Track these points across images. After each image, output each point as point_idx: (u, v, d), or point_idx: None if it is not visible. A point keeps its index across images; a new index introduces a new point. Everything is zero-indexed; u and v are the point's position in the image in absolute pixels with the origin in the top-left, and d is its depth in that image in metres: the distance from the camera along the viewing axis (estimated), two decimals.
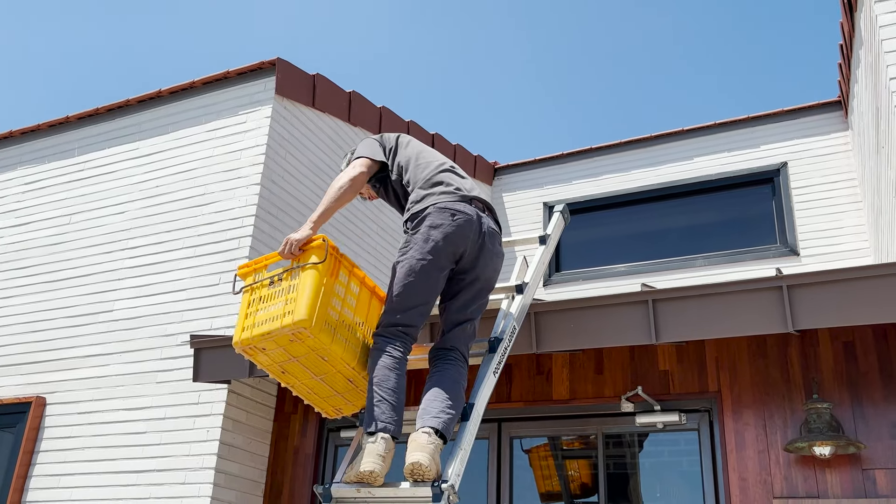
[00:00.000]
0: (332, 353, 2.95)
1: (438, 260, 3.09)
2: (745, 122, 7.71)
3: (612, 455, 4.56)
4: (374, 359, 3.01)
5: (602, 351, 4.48)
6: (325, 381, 3.11)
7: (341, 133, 6.47)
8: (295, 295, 2.91)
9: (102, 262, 5.81)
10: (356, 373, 3.08)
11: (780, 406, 4.00)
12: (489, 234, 3.23)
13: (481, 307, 3.29)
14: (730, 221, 7.49)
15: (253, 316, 3.03)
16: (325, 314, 2.90)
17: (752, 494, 3.88)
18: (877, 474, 3.71)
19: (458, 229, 3.12)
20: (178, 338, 5.20)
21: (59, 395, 5.44)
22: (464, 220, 3.14)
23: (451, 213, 3.13)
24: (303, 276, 2.94)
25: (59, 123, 6.63)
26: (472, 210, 3.20)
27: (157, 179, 5.94)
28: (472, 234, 3.16)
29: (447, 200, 3.18)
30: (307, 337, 2.86)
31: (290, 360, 3.01)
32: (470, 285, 3.21)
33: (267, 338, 2.93)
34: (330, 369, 3.04)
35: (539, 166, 8.61)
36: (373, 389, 2.93)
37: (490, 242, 3.23)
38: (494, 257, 3.26)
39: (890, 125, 4.41)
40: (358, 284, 3.15)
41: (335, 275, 3.00)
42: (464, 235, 3.13)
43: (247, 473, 4.93)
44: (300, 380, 3.12)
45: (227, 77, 6.01)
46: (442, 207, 3.14)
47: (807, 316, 3.56)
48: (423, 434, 2.77)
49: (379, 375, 2.94)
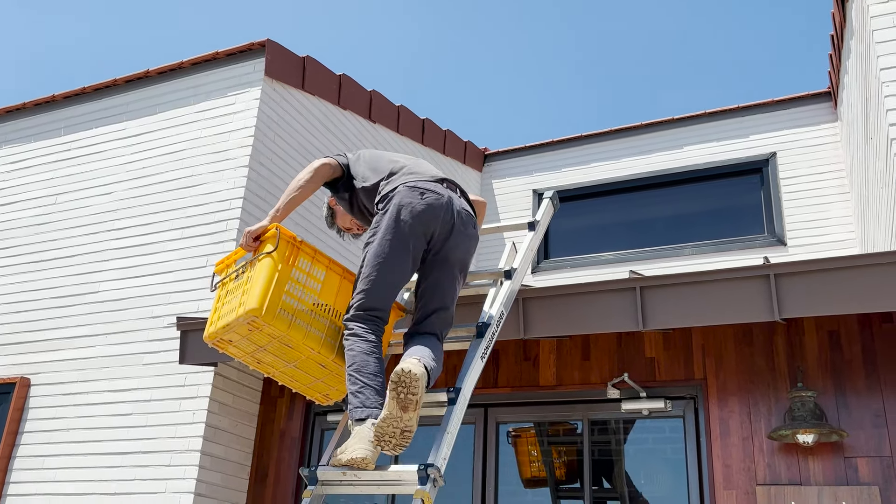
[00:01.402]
0: (293, 340, 2.97)
1: (408, 240, 3.03)
2: (735, 111, 7.72)
3: (598, 441, 4.58)
4: (349, 345, 2.96)
5: (589, 337, 4.49)
6: (299, 368, 3.12)
7: (331, 116, 6.43)
8: (249, 286, 2.96)
9: (88, 242, 5.76)
10: (323, 357, 3.07)
11: (765, 394, 4.03)
12: (461, 214, 3.17)
13: (455, 291, 3.21)
14: (718, 211, 7.52)
15: (219, 310, 3.10)
16: (278, 301, 2.92)
17: (736, 481, 3.91)
18: (858, 462, 3.74)
19: (428, 208, 3.06)
20: (165, 320, 5.18)
21: (44, 376, 5.41)
22: (434, 198, 3.09)
23: (420, 192, 3.08)
24: (258, 266, 3.00)
25: (45, 102, 6.56)
26: (444, 190, 3.15)
27: (145, 160, 5.89)
28: (443, 213, 3.10)
29: (416, 180, 3.14)
30: (262, 325, 2.90)
31: (258, 350, 3.05)
32: (441, 265, 3.14)
33: (228, 329, 2.99)
34: (298, 356, 3.05)
35: (529, 153, 8.60)
36: (353, 376, 2.89)
37: (461, 224, 3.16)
38: (467, 239, 3.19)
39: (879, 116, 4.43)
40: (323, 269, 3.13)
41: (292, 262, 3.01)
42: (434, 214, 3.08)
43: (232, 456, 4.93)
44: (277, 368, 3.15)
45: (216, 58, 5.96)
46: (412, 186, 3.10)
47: (793, 305, 3.58)
48: (420, 364, 2.78)
49: (358, 361, 2.91)
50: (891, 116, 4.08)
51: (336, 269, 3.19)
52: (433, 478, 2.74)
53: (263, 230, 3.05)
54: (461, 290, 3.31)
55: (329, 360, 3.07)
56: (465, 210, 3.20)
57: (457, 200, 3.19)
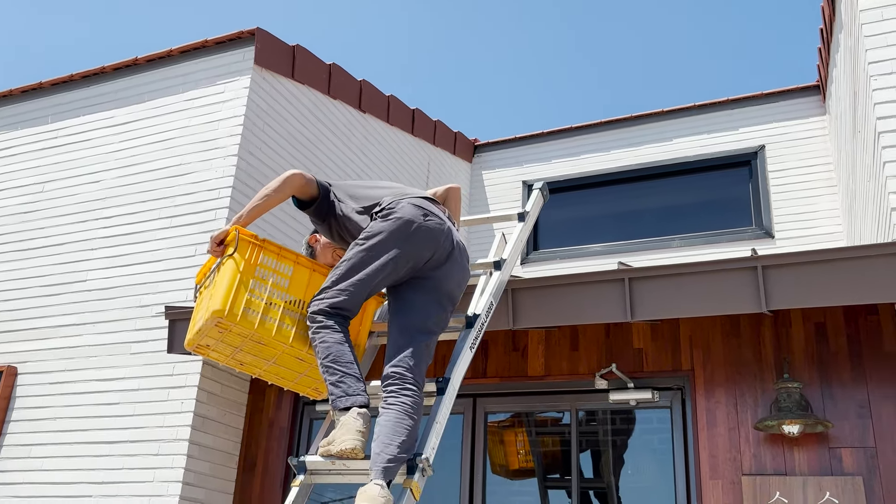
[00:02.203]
0: (263, 337, 3.01)
1: (403, 253, 2.96)
2: (725, 104, 7.75)
3: (586, 431, 4.61)
4: (321, 337, 2.91)
5: (577, 328, 4.51)
6: (279, 364, 3.16)
7: (321, 105, 6.41)
8: (214, 289, 3.02)
9: (76, 231, 5.73)
10: (297, 350, 3.10)
11: (752, 385, 4.06)
12: (459, 247, 3.13)
13: (442, 322, 3.07)
14: (707, 203, 7.55)
15: (195, 316, 3.16)
16: (241, 300, 2.96)
17: (722, 471, 3.94)
18: (843, 452, 3.78)
19: (430, 231, 3.01)
20: (153, 309, 5.16)
21: (31, 365, 5.38)
22: (436, 222, 3.05)
23: (423, 213, 3.02)
24: (222, 269, 3.05)
25: (32, 90, 6.50)
26: (445, 219, 3.11)
27: (133, 149, 5.86)
28: (443, 240, 3.05)
29: (420, 200, 3.08)
30: (229, 325, 2.94)
31: (237, 352, 3.11)
32: (430, 292, 3.03)
33: (202, 334, 3.04)
34: (274, 352, 3.10)
35: (519, 144, 8.61)
36: (331, 367, 2.86)
37: (459, 255, 3.11)
38: (461, 271, 3.13)
39: (867, 109, 4.45)
40: (290, 264, 3.15)
41: (255, 261, 3.05)
42: (434, 238, 3.02)
43: (221, 445, 4.93)
44: (259, 367, 3.21)
45: (205, 46, 5.92)
46: (416, 205, 3.04)
47: (780, 296, 3.61)
48: (376, 486, 2.56)
49: (333, 351, 2.87)
50: (878, 110, 4.11)
51: (304, 263, 3.21)
52: (422, 467, 2.75)
53: (225, 234, 3.07)
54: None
55: (304, 353, 3.11)
56: (461, 243, 3.17)
57: (455, 234, 3.15)
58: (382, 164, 7.12)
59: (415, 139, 7.74)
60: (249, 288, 2.99)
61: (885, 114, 4.08)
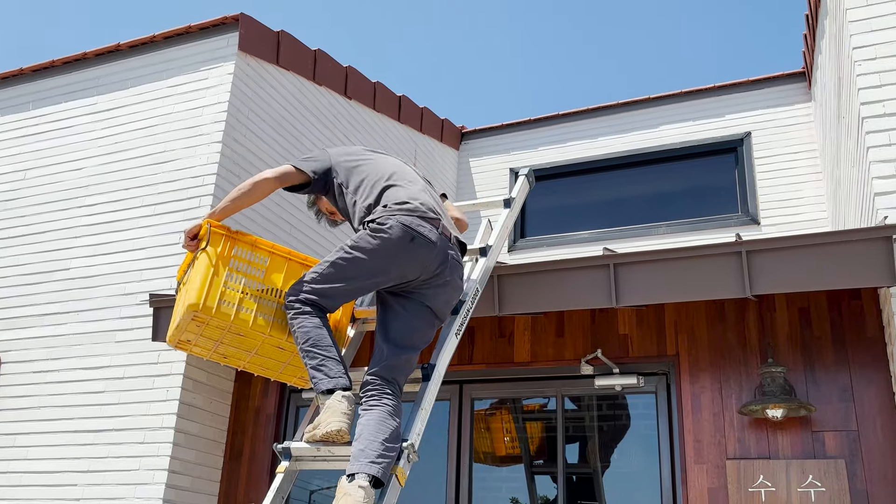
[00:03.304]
0: (241, 328, 3.02)
1: (389, 271, 2.92)
2: (711, 91, 7.75)
3: (571, 417, 4.63)
4: (299, 322, 2.91)
5: (563, 314, 4.52)
6: (261, 355, 3.17)
7: (306, 92, 6.36)
8: (189, 284, 3.04)
9: (58, 219, 5.67)
10: (276, 339, 3.11)
11: (736, 370, 4.09)
12: (452, 264, 3.03)
13: (427, 337, 3.07)
14: (693, 190, 7.57)
15: (175, 313, 3.17)
16: (215, 292, 2.98)
17: (707, 455, 3.97)
18: (826, 436, 3.81)
19: (418, 252, 2.92)
20: (137, 297, 5.13)
21: (15, 354, 5.34)
22: (426, 241, 2.94)
23: (412, 236, 2.91)
24: (196, 263, 3.07)
25: (12, 76, 6.42)
26: (437, 236, 2.98)
27: (116, 136, 5.80)
28: (433, 259, 2.96)
29: (412, 220, 2.94)
30: (206, 318, 2.96)
31: (218, 345, 3.11)
32: (418, 308, 3.02)
33: (181, 329, 3.06)
34: (254, 343, 3.11)
35: (506, 132, 8.59)
36: (311, 351, 2.85)
37: (451, 273, 3.02)
38: (452, 290, 3.07)
39: (850, 95, 4.46)
40: (266, 255, 3.16)
41: (228, 253, 3.06)
42: (423, 259, 2.94)
43: (207, 433, 4.91)
44: (242, 360, 3.22)
45: (188, 32, 5.86)
46: (407, 225, 2.91)
47: (764, 281, 3.62)
48: (360, 489, 2.49)
49: (312, 336, 2.87)
50: (862, 95, 4.11)
51: (280, 252, 3.21)
52: (407, 453, 2.76)
53: (197, 228, 3.08)
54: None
55: (283, 341, 3.11)
56: (454, 260, 3.06)
57: (451, 251, 3.05)
58: None
59: (402, 126, 7.71)
60: (223, 280, 3.01)
61: (869, 99, 4.09)
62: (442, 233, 3.03)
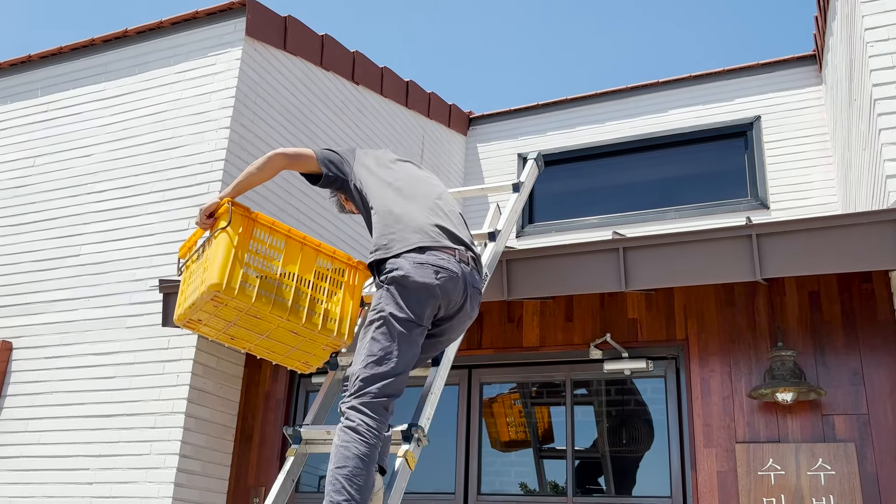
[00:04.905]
0: (260, 311, 2.97)
1: (420, 319, 2.72)
2: (720, 74, 7.69)
3: (580, 401, 4.63)
4: (345, 440, 2.54)
5: (572, 299, 4.51)
6: (272, 338, 3.13)
7: (313, 77, 6.35)
8: (208, 263, 2.96)
9: (68, 205, 5.69)
10: (293, 324, 3.08)
11: (746, 354, 4.08)
12: (472, 295, 2.86)
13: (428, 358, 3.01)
14: (702, 174, 7.53)
15: (185, 291, 3.11)
16: (237, 274, 2.91)
17: (716, 439, 3.97)
18: (836, 420, 3.81)
19: (441, 290, 2.73)
20: (147, 283, 5.15)
21: (26, 340, 5.38)
22: (447, 277, 2.74)
23: (434, 270, 2.71)
24: (215, 243, 2.99)
25: (21, 63, 6.42)
26: (458, 267, 2.78)
27: (124, 122, 5.80)
28: (456, 294, 2.78)
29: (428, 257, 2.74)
30: (226, 299, 2.89)
31: (229, 326, 3.06)
32: (433, 343, 2.93)
33: (195, 308, 2.99)
34: (269, 326, 3.06)
35: (514, 117, 8.55)
36: (341, 482, 2.47)
37: (470, 305, 2.87)
38: (468, 320, 2.95)
39: (863, 77, 4.42)
40: (283, 238, 3.10)
41: (249, 234, 3.01)
42: (446, 296, 2.76)
43: (217, 418, 4.94)
44: (251, 342, 3.17)
45: (196, 17, 5.85)
46: (422, 263, 2.71)
47: (774, 265, 3.60)
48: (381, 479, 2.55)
49: (350, 466, 2.49)
50: (875, 76, 4.08)
51: (296, 237, 3.17)
52: (417, 437, 2.76)
53: (216, 206, 2.99)
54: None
55: (299, 327, 3.08)
56: (475, 288, 2.88)
57: (470, 278, 2.83)
58: (377, 137, 7.08)
59: (409, 112, 7.69)
60: (244, 262, 2.95)
61: (881, 80, 4.05)
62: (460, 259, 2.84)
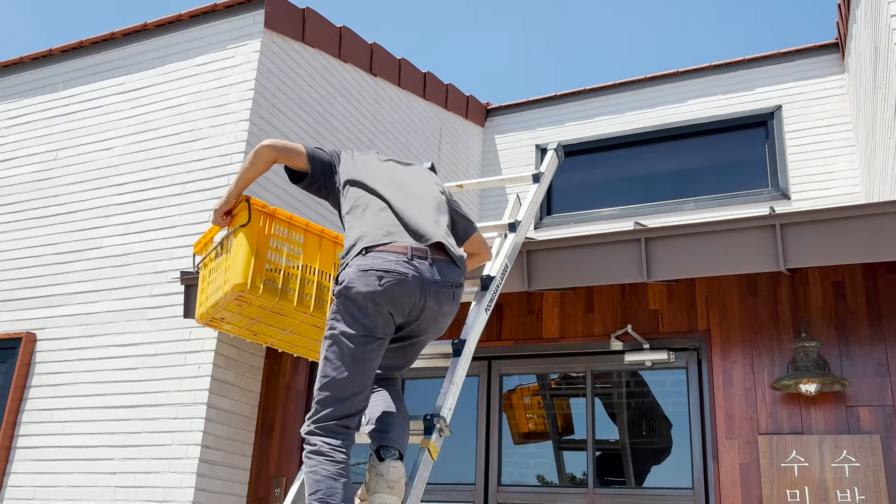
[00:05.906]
0: (284, 308, 2.95)
1: (373, 332, 2.52)
2: (740, 64, 7.62)
3: (601, 393, 4.62)
4: (312, 465, 2.44)
5: (592, 290, 4.49)
6: (295, 333, 3.11)
7: (331, 69, 6.35)
8: (230, 262, 2.92)
9: (90, 198, 5.74)
10: (317, 319, 3.06)
11: (769, 344, 4.04)
12: (436, 291, 2.59)
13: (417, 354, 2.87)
14: (722, 165, 7.46)
15: (206, 290, 3.08)
16: (261, 272, 2.88)
17: (738, 431, 3.94)
18: (860, 411, 3.77)
19: (386, 296, 2.50)
20: (168, 275, 5.18)
21: (50, 332, 5.43)
22: (393, 281, 2.50)
23: (377, 276, 2.49)
24: (235, 241, 2.95)
25: (43, 57, 6.47)
26: (407, 267, 2.53)
27: (145, 115, 5.84)
28: (408, 297, 2.54)
29: (372, 260, 2.52)
30: (251, 298, 2.87)
31: (252, 323, 3.03)
32: (408, 346, 2.77)
33: (218, 308, 2.97)
34: (292, 322, 3.04)
35: (532, 108, 8.51)
36: None
37: (436, 302, 2.60)
38: (440, 317, 2.67)
39: (888, 64, 4.36)
40: (301, 233, 3.07)
41: (268, 231, 2.96)
42: (395, 301, 2.52)
43: (239, 409, 4.98)
44: (274, 337, 3.15)
45: (214, 10, 5.86)
46: (365, 270, 2.50)
47: (798, 255, 3.57)
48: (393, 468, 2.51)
49: (322, 488, 2.38)
50: None
51: (314, 230, 3.14)
52: (439, 427, 2.76)
53: (231, 204, 2.92)
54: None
55: (322, 320, 3.06)
56: (443, 282, 2.62)
57: (429, 272, 2.57)
58: (394, 129, 7.08)
59: (427, 103, 7.68)
60: (267, 259, 2.92)
61: None
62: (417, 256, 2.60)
